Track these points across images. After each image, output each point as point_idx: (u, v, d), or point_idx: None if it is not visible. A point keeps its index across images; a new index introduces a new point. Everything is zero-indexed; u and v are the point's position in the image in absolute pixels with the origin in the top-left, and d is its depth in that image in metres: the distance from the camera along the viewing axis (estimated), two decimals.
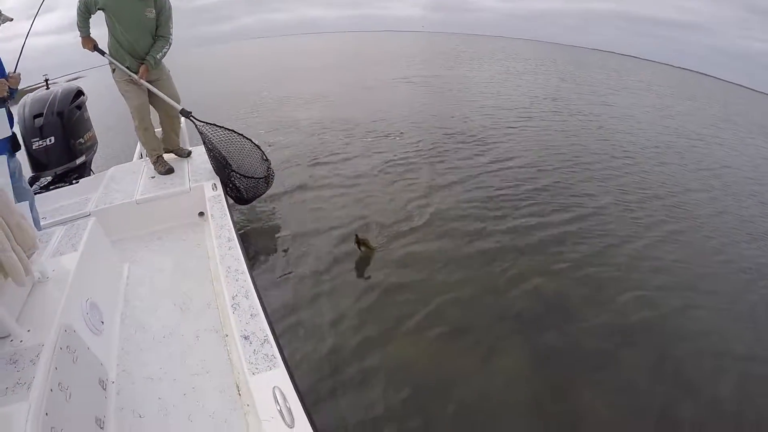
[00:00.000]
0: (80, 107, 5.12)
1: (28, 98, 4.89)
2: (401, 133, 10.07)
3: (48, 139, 4.76)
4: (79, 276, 2.43)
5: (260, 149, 5.03)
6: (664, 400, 3.37)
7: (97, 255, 2.86)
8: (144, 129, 4.52)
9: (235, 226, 3.40)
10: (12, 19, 3.34)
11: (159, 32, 4.39)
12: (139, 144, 5.49)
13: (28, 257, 1.94)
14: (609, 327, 4.07)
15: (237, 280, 2.64)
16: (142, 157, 5.32)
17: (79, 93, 5.19)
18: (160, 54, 4.39)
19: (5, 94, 3.27)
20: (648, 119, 14.30)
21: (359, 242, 4.74)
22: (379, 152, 8.61)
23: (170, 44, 4.48)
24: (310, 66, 26.63)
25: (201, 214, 4.05)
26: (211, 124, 4.64)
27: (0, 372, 1.73)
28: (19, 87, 3.40)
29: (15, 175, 3.40)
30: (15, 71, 3.61)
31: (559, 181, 7.51)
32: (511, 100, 15.14)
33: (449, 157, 8.48)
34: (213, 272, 3.22)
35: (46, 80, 5.26)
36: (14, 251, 1.80)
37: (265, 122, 11.52)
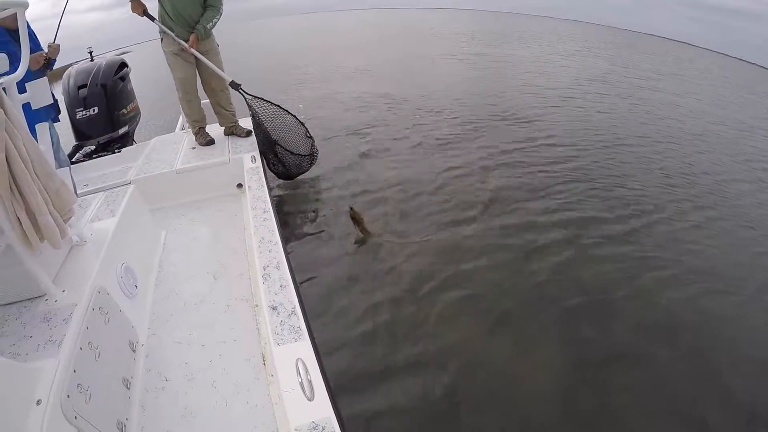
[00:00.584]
0: (124, 79, 5.23)
1: (72, 70, 5.02)
2: (445, 110, 10.00)
3: (91, 110, 4.89)
4: (116, 241, 2.51)
5: (304, 126, 5.08)
6: (698, 405, 3.25)
7: (135, 221, 2.95)
8: (188, 101, 4.56)
9: (271, 198, 3.41)
10: None
11: (209, 1, 4.36)
12: (181, 116, 5.56)
13: (65, 221, 2.01)
14: (648, 322, 3.93)
15: (270, 251, 2.65)
16: (183, 129, 5.40)
17: (123, 65, 5.30)
18: (210, 24, 4.36)
19: (41, 64, 3.39)
20: (698, 107, 13.75)
21: (354, 218, 4.64)
22: (422, 129, 8.60)
23: (221, 14, 4.44)
24: (357, 41, 26.73)
25: (239, 185, 4.09)
26: (258, 98, 4.69)
27: (33, 329, 1.82)
28: (67, 62, 3.49)
29: (54, 144, 3.52)
30: (54, 41, 3.73)
31: (602, 166, 7.31)
32: (557, 81, 14.89)
33: (491, 135, 8.38)
34: (248, 243, 3.27)
35: (90, 53, 5.38)
36: (51, 215, 1.86)
37: (308, 96, 11.63)
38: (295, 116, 4.98)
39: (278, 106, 4.82)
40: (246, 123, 4.86)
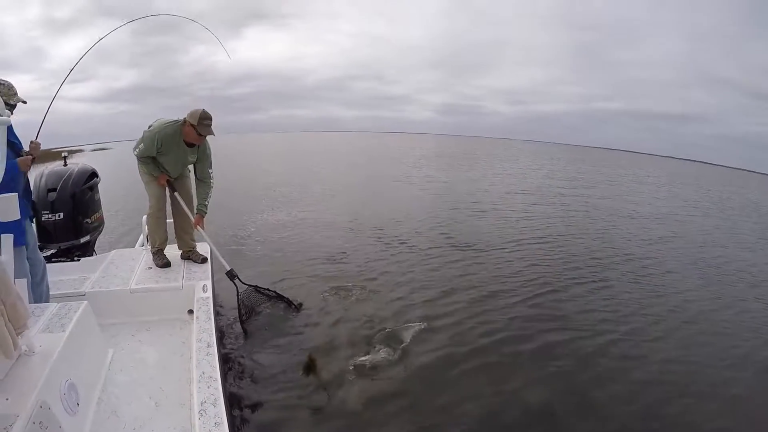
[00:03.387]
0: (92, 188, 5.36)
1: (45, 170, 5.13)
2: (403, 240, 10.30)
3: (57, 214, 4.95)
4: (63, 356, 2.48)
5: (293, 305, 5.85)
6: None
7: (84, 338, 2.92)
8: (156, 218, 4.73)
9: (217, 331, 3.46)
10: (25, 102, 3.54)
11: (199, 175, 4.83)
12: (142, 234, 5.64)
13: (18, 335, 2.03)
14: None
15: (209, 387, 2.66)
16: (143, 246, 5.46)
17: (93, 175, 5.44)
18: (209, 200, 4.86)
19: (30, 167, 3.47)
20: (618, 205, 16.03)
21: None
22: (378, 257, 8.87)
23: (213, 186, 4.91)
24: (326, 163, 28.45)
25: (190, 311, 4.06)
26: (253, 286, 5.37)
27: None
28: (45, 146, 3.60)
29: (30, 245, 3.54)
30: (36, 138, 3.81)
31: (554, 283, 7.67)
32: (510, 201, 16.78)
33: (446, 262, 8.71)
34: (191, 373, 3.20)
35: (65, 158, 5.53)
36: (6, 327, 1.89)
37: (272, 218, 12.25)
38: (288, 301, 5.79)
39: (271, 290, 5.70)
40: (203, 249, 5.03)
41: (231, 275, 5.05)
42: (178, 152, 4.49)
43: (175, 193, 4.82)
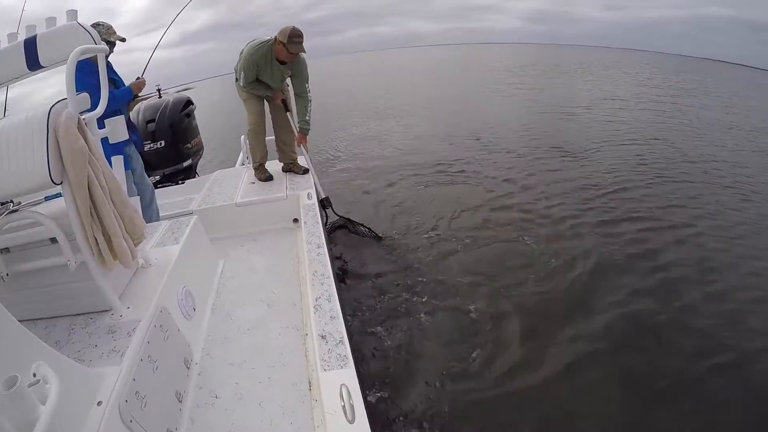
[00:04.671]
0: (189, 115, 5.58)
1: (141, 105, 5.38)
2: (500, 146, 10.31)
3: (159, 143, 5.22)
4: (178, 266, 2.67)
5: (377, 234, 5.53)
6: None
7: (196, 249, 3.11)
8: (256, 133, 4.76)
9: (325, 234, 3.52)
10: (124, 40, 3.63)
11: (296, 90, 4.70)
12: (241, 152, 5.86)
13: (135, 245, 2.19)
14: (699, 352, 3.75)
15: (322, 284, 2.72)
16: (243, 164, 5.65)
17: (189, 102, 5.64)
18: (309, 115, 4.71)
19: (140, 91, 3.65)
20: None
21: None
22: (474, 159, 9.04)
23: (311, 101, 4.73)
24: (412, 78, 27.77)
25: (295, 220, 4.20)
26: (346, 218, 5.30)
27: (99, 339, 2.00)
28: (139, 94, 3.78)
29: (137, 171, 3.77)
30: (142, 75, 3.99)
31: (655, 192, 7.27)
32: (602, 106, 15.88)
33: (538, 161, 8.86)
34: (301, 276, 3.34)
35: (159, 90, 5.76)
36: (124, 238, 2.04)
37: (365, 136, 12.42)
38: (371, 230, 5.49)
39: (365, 227, 5.45)
40: (304, 161, 5.01)
41: (324, 204, 4.92)
42: (272, 71, 4.48)
43: (278, 108, 4.82)
